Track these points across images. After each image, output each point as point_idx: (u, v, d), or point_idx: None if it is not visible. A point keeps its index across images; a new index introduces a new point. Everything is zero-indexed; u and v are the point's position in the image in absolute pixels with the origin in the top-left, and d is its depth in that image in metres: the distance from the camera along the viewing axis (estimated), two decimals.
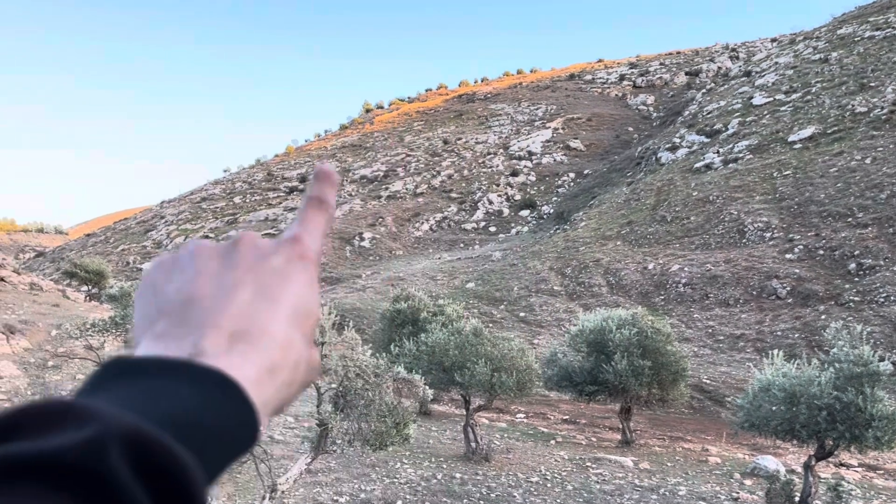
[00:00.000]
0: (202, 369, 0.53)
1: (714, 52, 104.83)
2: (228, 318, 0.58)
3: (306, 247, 0.66)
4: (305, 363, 0.62)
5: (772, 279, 32.67)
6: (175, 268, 0.63)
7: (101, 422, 0.43)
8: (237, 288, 0.60)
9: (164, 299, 0.61)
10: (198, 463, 0.46)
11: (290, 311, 0.61)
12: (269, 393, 0.57)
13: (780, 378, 11.42)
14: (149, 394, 0.49)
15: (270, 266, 0.63)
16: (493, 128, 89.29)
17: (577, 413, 22.66)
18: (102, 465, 0.42)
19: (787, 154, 44.53)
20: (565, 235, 46.96)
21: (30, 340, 20.09)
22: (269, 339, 0.59)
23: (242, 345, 0.57)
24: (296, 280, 0.63)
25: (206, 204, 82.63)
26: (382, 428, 9.68)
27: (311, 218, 0.69)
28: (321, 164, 0.74)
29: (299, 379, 0.61)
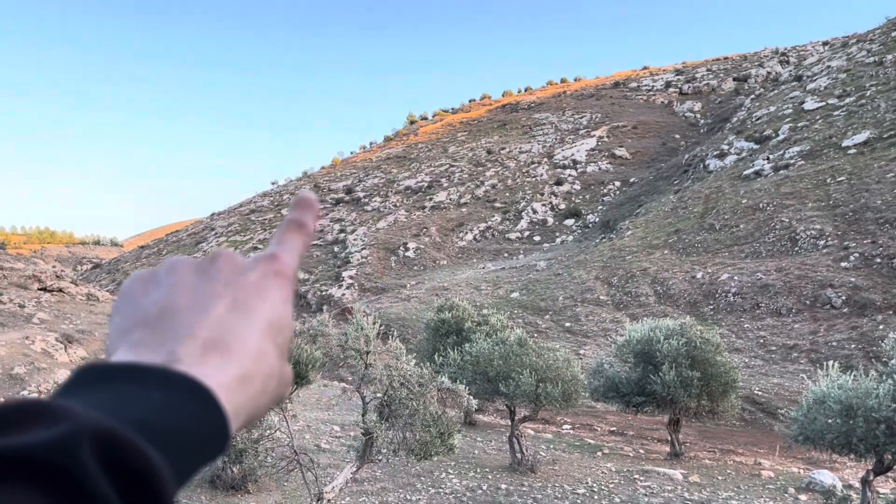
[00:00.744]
0: (175, 375, 0.54)
1: (763, 57, 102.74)
2: (203, 329, 0.59)
3: (283, 264, 0.68)
4: (278, 375, 0.63)
5: (826, 288, 31.73)
6: (152, 281, 0.65)
7: (72, 421, 0.44)
8: (213, 300, 0.62)
9: (141, 311, 0.62)
10: (167, 464, 0.47)
11: (264, 324, 0.63)
12: (241, 401, 0.58)
13: (835, 390, 11.07)
14: (121, 397, 0.50)
15: (247, 281, 0.65)
16: (537, 137, 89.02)
17: (625, 424, 22.33)
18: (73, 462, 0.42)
19: (841, 159, 43.29)
20: (611, 244, 46.44)
21: (87, 349, 20.74)
22: (243, 349, 0.60)
23: (216, 354, 0.58)
24: (271, 295, 0.65)
25: (254, 216, 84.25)
26: (427, 438, 9.71)
27: (289, 239, 0.71)
28: (302, 191, 0.77)
29: (271, 390, 0.62)
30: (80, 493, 0.42)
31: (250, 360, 0.60)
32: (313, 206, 0.75)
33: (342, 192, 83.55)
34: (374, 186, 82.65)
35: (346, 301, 49.80)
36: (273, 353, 0.63)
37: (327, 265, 60.40)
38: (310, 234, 0.73)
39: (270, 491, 11.81)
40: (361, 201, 77.90)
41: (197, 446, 0.52)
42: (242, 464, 11.18)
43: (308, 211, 0.74)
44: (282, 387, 0.64)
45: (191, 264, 0.66)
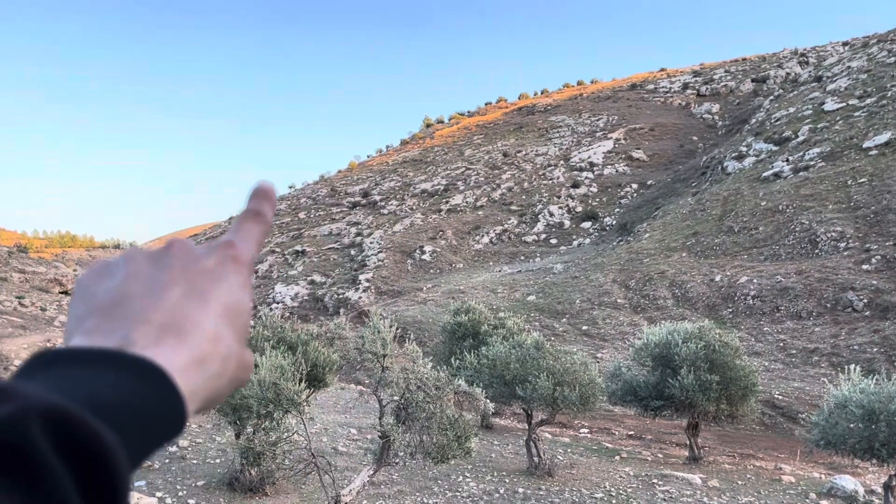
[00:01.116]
0: (128, 356, 0.54)
1: (782, 58, 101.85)
2: (158, 313, 0.60)
3: (239, 251, 0.69)
4: (236, 358, 0.64)
5: (847, 291, 31.34)
6: (107, 272, 0.65)
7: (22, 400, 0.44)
8: (168, 287, 0.63)
9: (96, 300, 0.62)
10: (120, 442, 0.47)
11: (220, 307, 0.63)
12: (198, 383, 0.58)
13: (857, 394, 10.94)
14: (74, 378, 0.51)
15: (202, 267, 0.65)
16: (554, 140, 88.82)
17: (643, 428, 22.19)
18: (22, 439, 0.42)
19: (863, 161, 42.79)
20: (629, 247, 46.20)
21: None
22: (198, 332, 0.60)
23: (171, 337, 0.59)
24: (227, 280, 0.66)
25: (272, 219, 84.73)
26: (444, 441, 9.70)
27: (246, 227, 0.72)
28: (261, 180, 0.78)
29: (229, 373, 0.63)
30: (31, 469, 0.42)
31: (206, 342, 0.61)
32: (271, 195, 0.76)
33: (359, 195, 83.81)
34: (391, 190, 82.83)
35: (362, 304, 49.93)
36: (230, 337, 0.63)
37: (344, 268, 60.60)
38: (267, 222, 0.74)
39: (288, 493, 11.86)
40: (378, 204, 78.10)
41: (152, 426, 0.52)
42: (260, 466, 11.23)
43: (265, 200, 0.75)
44: (241, 370, 0.65)
45: (145, 254, 0.67)
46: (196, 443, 14.70)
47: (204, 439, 15.01)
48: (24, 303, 24.37)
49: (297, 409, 10.14)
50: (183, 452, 13.89)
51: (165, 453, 13.73)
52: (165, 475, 12.37)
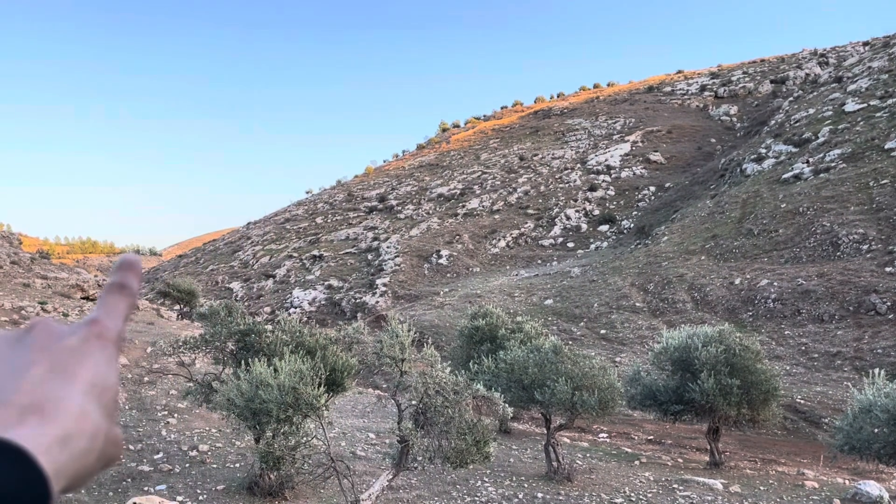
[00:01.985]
0: None
1: (801, 59, 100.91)
2: (19, 395, 0.59)
3: (105, 327, 0.69)
4: (104, 435, 0.63)
5: (870, 294, 30.92)
6: None
7: None
8: (29, 367, 0.62)
9: None
10: None
11: (85, 385, 0.63)
12: (63, 461, 0.57)
13: (882, 398, 10.79)
14: None
15: (65, 346, 0.66)
16: (570, 143, 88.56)
17: (663, 433, 22.00)
18: None
19: (885, 162, 42.24)
20: (647, 250, 45.92)
21: (127, 357, 21.14)
22: (63, 411, 0.60)
23: (34, 417, 0.58)
24: (92, 357, 0.66)
25: (289, 225, 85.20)
26: (463, 445, 9.68)
27: (111, 302, 0.73)
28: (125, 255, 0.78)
29: (97, 449, 0.62)
30: None
31: (71, 420, 0.60)
32: (136, 267, 0.76)
33: (375, 200, 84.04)
34: (407, 194, 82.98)
35: (379, 308, 50.01)
36: (97, 413, 0.62)
37: (361, 273, 60.75)
38: (133, 295, 0.74)
39: (307, 498, 11.88)
40: (394, 209, 78.27)
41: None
42: (280, 471, 11.26)
43: (130, 273, 0.76)
44: (110, 446, 0.64)
45: (5, 337, 0.67)
46: (216, 447, 14.78)
47: (223, 444, 15.09)
48: (46, 308, 24.69)
49: (316, 413, 10.17)
50: (203, 457, 13.97)
51: (185, 457, 13.82)
52: (185, 479, 12.45)
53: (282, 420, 10.15)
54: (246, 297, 63.05)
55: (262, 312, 55.17)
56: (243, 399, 10.06)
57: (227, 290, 66.35)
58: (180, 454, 14.04)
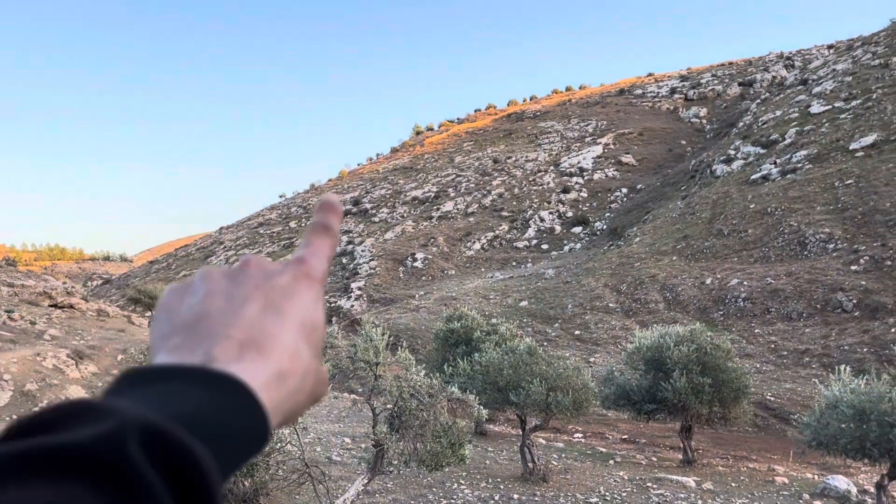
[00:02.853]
0: (213, 373, 0.56)
1: (768, 62, 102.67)
2: (238, 329, 0.61)
3: (311, 267, 0.70)
4: (314, 374, 0.65)
5: (837, 292, 31.55)
6: (187, 291, 0.67)
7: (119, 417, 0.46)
8: (246, 303, 0.64)
9: (178, 318, 0.64)
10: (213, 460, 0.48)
11: (297, 323, 0.65)
12: (279, 398, 0.60)
13: (848, 395, 11.02)
14: (164, 395, 0.52)
15: (277, 283, 0.67)
16: (543, 145, 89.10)
17: (637, 432, 22.22)
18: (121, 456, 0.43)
19: (849, 162, 43.14)
20: (619, 251, 46.35)
21: (97, 365, 20.83)
22: (278, 348, 0.62)
23: (252, 353, 0.60)
24: (302, 296, 0.67)
25: (263, 229, 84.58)
26: (438, 448, 9.70)
27: (316, 242, 0.73)
28: (326, 195, 0.79)
29: (308, 388, 0.64)
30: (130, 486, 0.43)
31: (286, 358, 0.62)
32: (337, 208, 0.78)
33: (349, 203, 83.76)
34: (382, 197, 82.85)
35: (354, 312, 49.85)
36: (307, 352, 0.65)
37: (336, 277, 60.49)
38: (335, 236, 0.75)
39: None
40: (369, 213, 78.10)
41: (238, 442, 0.54)
42: (254, 477, 11.18)
43: (332, 213, 0.77)
44: (319, 385, 0.66)
45: (222, 272, 0.69)
46: None
47: None
48: (13, 317, 24.23)
49: None
50: None
51: None
52: None
53: None
54: None
55: None
56: None
57: None
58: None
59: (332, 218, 0.76)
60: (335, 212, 0.77)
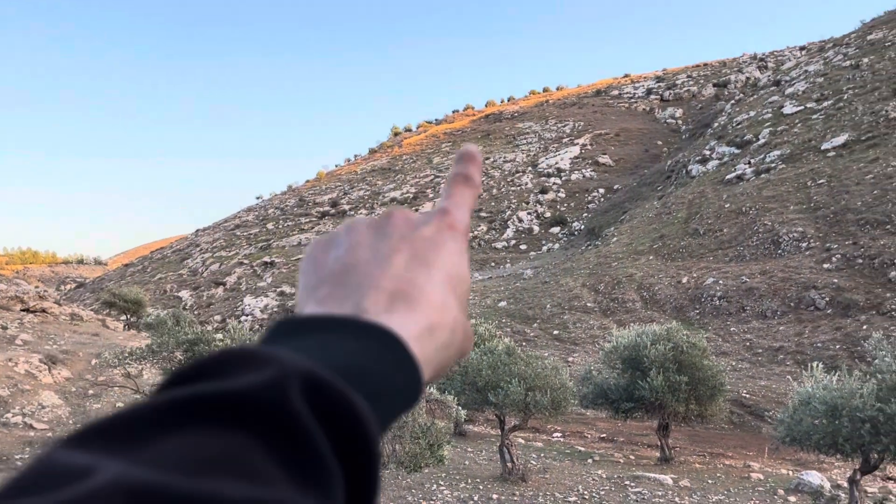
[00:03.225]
0: (367, 324, 0.55)
1: (742, 63, 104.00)
2: (387, 280, 0.60)
3: (455, 218, 0.68)
4: (462, 328, 0.63)
5: (810, 290, 32.03)
6: (332, 242, 0.66)
7: (280, 365, 0.45)
8: (392, 254, 0.62)
9: (325, 269, 0.63)
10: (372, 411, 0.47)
11: (444, 275, 0.63)
12: (430, 352, 0.58)
13: (820, 391, 11.18)
14: (320, 344, 0.52)
15: (422, 235, 0.65)
16: (521, 146, 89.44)
17: (615, 431, 22.38)
18: (284, 404, 0.43)
19: (821, 162, 43.84)
20: (597, 251, 46.67)
21: (71, 370, 20.52)
22: (427, 301, 0.60)
23: (402, 304, 0.58)
24: (447, 248, 0.65)
25: (239, 231, 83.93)
26: (416, 449, 9.69)
27: (458, 193, 0.72)
28: (466, 145, 0.77)
29: (457, 343, 0.62)
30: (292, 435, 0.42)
31: (435, 311, 0.60)
32: (476, 158, 0.76)
33: (327, 204, 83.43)
34: (360, 199, 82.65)
35: None
36: (455, 305, 0.63)
37: None
38: (476, 186, 0.74)
39: None
40: (347, 214, 77.85)
41: (392, 394, 0.53)
42: None
43: (472, 164, 0.75)
44: (466, 340, 0.64)
45: (367, 223, 0.67)
46: None
47: None
48: None
49: None
50: None
51: None
52: None
53: None
54: (195, 305, 61.85)
55: (212, 321, 54.20)
56: None
57: (175, 298, 64.97)
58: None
59: (473, 168, 0.74)
60: (475, 162, 0.75)
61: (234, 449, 0.41)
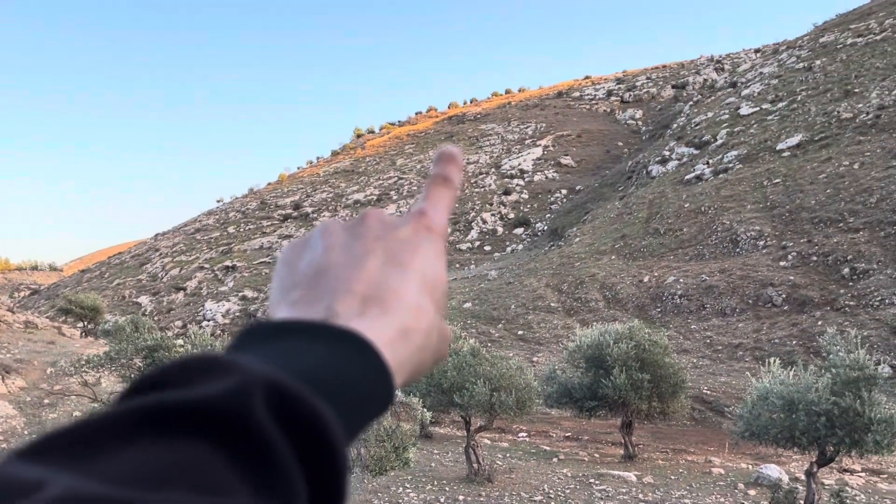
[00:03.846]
0: (337, 329, 0.54)
1: (699, 65, 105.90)
2: (360, 284, 0.59)
3: (432, 220, 0.67)
4: (437, 331, 0.62)
5: (767, 287, 32.75)
6: (306, 245, 0.65)
7: (243, 373, 0.44)
8: (367, 256, 0.61)
9: (298, 272, 0.62)
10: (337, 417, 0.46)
11: (419, 278, 0.62)
12: (404, 355, 0.57)
13: (777, 386, 11.43)
14: (288, 351, 0.51)
15: (398, 236, 0.64)
16: (484, 148, 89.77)
17: (580, 430, 22.57)
18: (245, 413, 0.42)
19: (776, 162, 44.86)
20: (560, 251, 47.05)
21: (25, 379, 19.97)
22: (401, 304, 0.59)
23: (375, 308, 0.57)
24: (423, 250, 0.64)
25: (200, 235, 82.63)
26: (382, 453, 9.65)
27: (436, 194, 0.70)
28: (445, 146, 0.76)
29: (432, 346, 0.61)
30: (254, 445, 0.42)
31: (409, 314, 0.59)
32: (457, 159, 0.74)
33: (290, 207, 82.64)
34: (323, 201, 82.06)
35: None
36: (431, 308, 0.62)
37: None
38: (455, 188, 0.72)
39: None
40: (310, 216, 77.22)
41: (363, 401, 0.52)
42: None
43: (451, 164, 0.74)
44: (442, 344, 0.63)
45: (342, 225, 0.67)
46: None
47: None
48: None
49: None
50: None
51: None
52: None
53: None
54: (155, 311, 60.70)
55: (172, 327, 53.24)
56: None
57: (135, 304, 63.68)
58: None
59: (452, 169, 0.73)
60: (455, 163, 0.74)
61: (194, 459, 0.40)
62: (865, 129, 43.14)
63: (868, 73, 50.91)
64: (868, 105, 45.63)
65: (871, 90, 47.59)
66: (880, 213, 33.97)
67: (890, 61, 50.97)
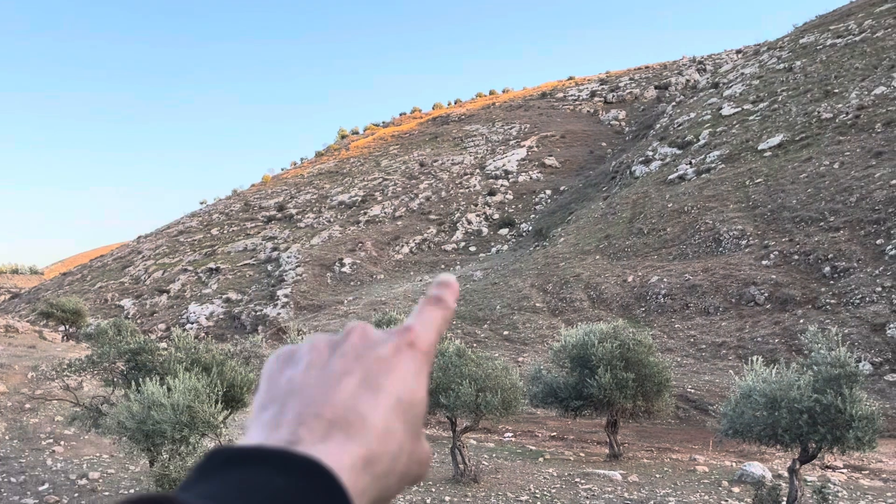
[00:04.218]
0: (295, 457, 0.54)
1: (682, 66, 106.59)
2: (328, 408, 0.59)
3: (417, 335, 0.67)
4: (407, 454, 0.62)
5: (750, 286, 33.02)
6: (291, 359, 0.66)
7: None
8: (343, 378, 0.62)
9: (276, 389, 0.63)
10: None
11: (392, 400, 0.62)
12: (365, 482, 0.57)
13: (760, 384, 11.52)
14: (243, 484, 0.51)
15: (377, 355, 0.64)
16: (469, 148, 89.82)
17: (565, 429, 22.64)
18: None
19: (758, 162, 45.24)
20: (545, 252, 47.18)
21: (6, 384, 19.71)
22: (368, 429, 0.59)
23: (339, 433, 0.58)
24: (401, 369, 0.64)
25: (183, 237, 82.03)
26: None
27: (427, 312, 0.71)
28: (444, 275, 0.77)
29: (399, 470, 0.61)
30: None
31: (376, 439, 0.59)
32: (452, 286, 0.75)
33: (274, 209, 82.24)
34: (307, 202, 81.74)
35: (281, 320, 48.96)
36: (401, 432, 0.62)
37: (261, 284, 59.29)
38: (449, 309, 0.73)
39: None
40: (294, 218, 76.90)
41: None
42: None
43: (448, 290, 0.74)
44: (414, 466, 0.63)
45: (327, 341, 0.67)
46: (108, 474, 14.02)
47: (116, 469, 14.34)
48: None
49: (215, 431, 9.84)
50: (93, 485, 13.22)
51: (74, 487, 13.03)
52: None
53: (178, 440, 9.76)
54: (138, 314, 60.19)
55: (155, 330, 52.81)
56: (135, 421, 9.60)
57: (117, 307, 63.11)
58: (68, 483, 13.22)
59: (448, 293, 0.74)
60: (451, 289, 0.75)
61: None
62: (845, 129, 43.62)
63: (847, 74, 51.47)
64: (848, 105, 46.14)
65: (851, 90, 48.12)
66: (860, 212, 34.35)
67: (869, 62, 51.56)
